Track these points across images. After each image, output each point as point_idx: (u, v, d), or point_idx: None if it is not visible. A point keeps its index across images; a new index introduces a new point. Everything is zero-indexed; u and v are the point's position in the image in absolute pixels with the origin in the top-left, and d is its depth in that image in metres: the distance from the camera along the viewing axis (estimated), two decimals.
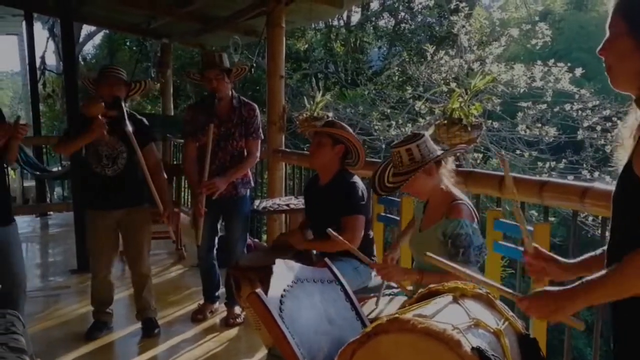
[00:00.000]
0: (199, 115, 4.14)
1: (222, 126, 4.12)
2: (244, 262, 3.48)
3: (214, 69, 4.04)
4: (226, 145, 4.13)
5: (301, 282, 2.05)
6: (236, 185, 4.20)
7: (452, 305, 1.92)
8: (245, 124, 4.16)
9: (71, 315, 4.70)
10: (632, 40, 1.53)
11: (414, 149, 2.72)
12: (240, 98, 4.24)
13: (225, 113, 4.14)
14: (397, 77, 13.36)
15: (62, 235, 7.53)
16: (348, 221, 3.31)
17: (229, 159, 4.14)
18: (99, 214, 4.07)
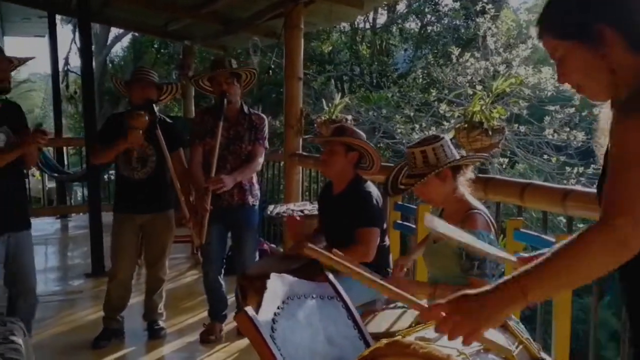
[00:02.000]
0: (208, 118, 4.01)
1: (231, 129, 3.99)
2: (252, 271, 3.34)
3: (222, 70, 3.92)
4: (235, 149, 3.99)
5: (298, 298, 1.90)
6: (245, 194, 4.05)
7: None
8: (255, 130, 4.03)
9: (82, 321, 4.62)
10: (584, 48, 1.41)
11: (429, 151, 2.56)
12: (250, 109, 4.15)
13: (235, 116, 4.01)
14: (422, 79, 13.15)
15: (80, 237, 7.47)
16: (362, 234, 3.17)
17: (239, 163, 3.99)
18: (124, 217, 4.05)
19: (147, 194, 4.01)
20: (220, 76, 3.91)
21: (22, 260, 3.60)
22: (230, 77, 3.92)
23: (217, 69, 3.94)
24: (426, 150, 2.55)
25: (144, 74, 4.06)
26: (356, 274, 1.65)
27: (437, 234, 2.09)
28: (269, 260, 3.92)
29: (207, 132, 3.97)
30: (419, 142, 2.63)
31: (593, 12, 1.40)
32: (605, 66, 1.40)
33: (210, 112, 4.05)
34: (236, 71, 3.98)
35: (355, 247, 3.15)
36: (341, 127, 3.47)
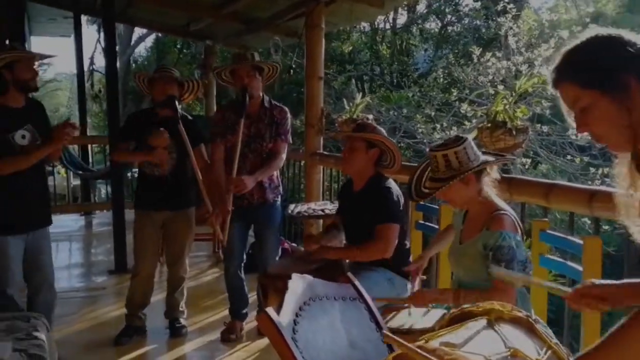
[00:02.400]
0: (230, 114, 3.96)
1: (252, 126, 3.94)
2: (273, 270, 3.34)
3: (244, 63, 3.89)
4: (256, 147, 3.95)
5: (319, 299, 1.88)
6: (265, 191, 4.01)
7: (486, 332, 1.71)
8: (276, 125, 3.98)
9: (104, 318, 4.65)
10: (607, 99, 1.35)
11: (451, 155, 2.51)
12: (271, 101, 4.08)
13: (256, 113, 3.96)
14: (443, 79, 13.07)
15: (104, 234, 7.51)
16: (381, 230, 3.14)
17: (260, 161, 3.96)
18: (146, 214, 4.07)
19: (167, 191, 4.02)
20: (242, 69, 3.87)
21: (41, 256, 3.63)
22: (252, 71, 3.88)
23: (239, 62, 3.91)
24: (448, 155, 2.50)
25: (164, 70, 4.09)
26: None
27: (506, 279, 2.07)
28: (290, 259, 3.91)
29: (228, 128, 3.94)
30: (440, 145, 2.57)
31: (620, 61, 1.35)
32: (630, 118, 1.34)
33: (231, 109, 4.00)
34: (258, 64, 3.94)
35: (373, 242, 3.13)
36: (362, 123, 3.46)
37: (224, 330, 4.21)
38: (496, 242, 2.42)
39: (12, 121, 3.42)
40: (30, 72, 3.44)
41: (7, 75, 3.38)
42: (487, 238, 2.46)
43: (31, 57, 3.48)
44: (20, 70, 3.39)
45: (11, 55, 3.38)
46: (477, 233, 2.52)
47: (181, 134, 3.79)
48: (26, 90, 3.46)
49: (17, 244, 3.48)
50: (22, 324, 3.11)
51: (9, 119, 3.42)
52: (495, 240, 2.43)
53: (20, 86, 3.41)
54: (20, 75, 3.39)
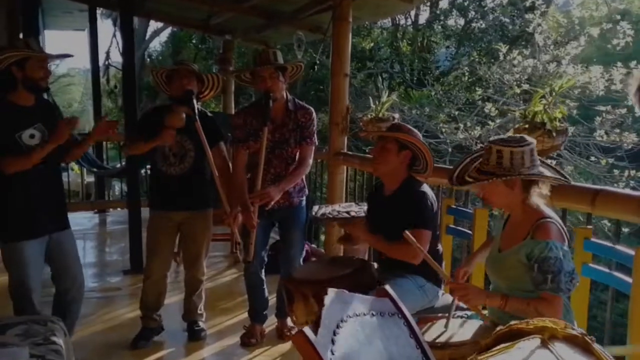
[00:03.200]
0: (252, 120, 3.77)
1: (276, 132, 3.75)
2: (298, 275, 3.17)
3: (267, 66, 3.68)
4: (281, 152, 3.78)
5: (357, 315, 1.72)
6: (290, 194, 3.85)
7: (540, 351, 1.54)
8: (301, 129, 3.79)
9: (120, 319, 4.52)
10: None
11: (506, 153, 2.32)
12: (295, 101, 3.87)
13: (280, 117, 3.77)
14: (467, 77, 12.84)
15: (118, 233, 7.42)
16: (413, 235, 2.97)
17: (284, 167, 3.79)
18: (161, 215, 3.93)
19: (184, 190, 3.86)
20: (264, 71, 3.67)
21: (66, 259, 3.54)
22: (275, 72, 3.68)
23: (261, 64, 3.70)
24: (503, 152, 2.33)
25: (182, 65, 3.91)
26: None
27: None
28: (315, 264, 3.74)
29: (250, 135, 3.76)
30: (502, 140, 2.38)
31: None
32: None
33: (253, 113, 3.79)
34: (282, 66, 3.75)
35: (403, 247, 2.95)
36: (397, 124, 3.27)
37: (243, 334, 4.07)
38: (542, 253, 2.25)
39: (20, 120, 3.28)
40: (42, 71, 3.29)
41: (16, 72, 3.23)
42: (532, 247, 2.29)
43: (44, 58, 3.33)
44: (32, 69, 3.25)
45: (22, 54, 3.23)
46: (519, 241, 2.36)
47: (199, 131, 3.62)
48: (36, 90, 3.32)
49: (35, 248, 3.36)
50: (40, 328, 3.00)
51: (17, 117, 3.28)
52: (540, 251, 2.25)
53: (30, 85, 3.27)
54: (31, 74, 3.25)
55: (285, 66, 3.75)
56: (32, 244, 3.33)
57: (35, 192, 3.33)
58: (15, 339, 2.89)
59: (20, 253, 3.30)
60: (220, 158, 3.86)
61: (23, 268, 3.32)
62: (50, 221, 3.42)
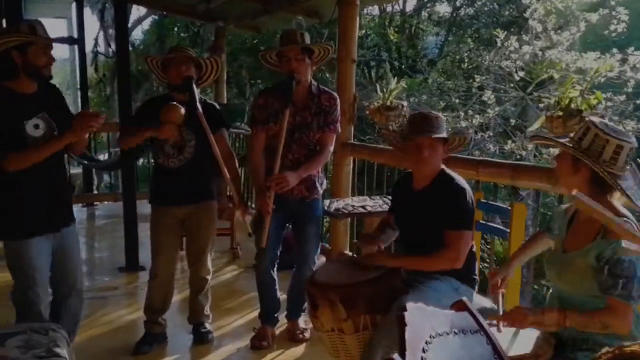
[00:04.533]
0: (274, 101, 3.58)
1: (297, 115, 3.55)
2: (322, 278, 2.92)
3: (293, 45, 3.47)
4: (301, 137, 3.57)
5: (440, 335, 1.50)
6: (309, 186, 3.64)
7: None
8: (324, 114, 3.59)
9: (119, 322, 4.26)
10: None
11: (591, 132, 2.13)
12: (319, 86, 3.68)
13: (302, 100, 3.57)
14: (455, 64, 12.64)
15: (108, 227, 7.13)
16: (453, 237, 2.75)
17: (304, 153, 3.58)
18: (162, 210, 3.67)
19: (186, 183, 3.62)
20: (291, 51, 3.47)
21: (68, 259, 3.25)
22: (301, 54, 3.48)
23: (287, 44, 3.49)
24: (589, 129, 2.14)
25: (179, 50, 3.63)
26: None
27: (587, 207, 1.69)
28: (338, 265, 3.44)
29: (271, 116, 3.56)
30: (605, 125, 2.16)
31: None
32: None
33: (276, 94, 3.60)
34: (309, 47, 3.53)
35: (443, 251, 2.75)
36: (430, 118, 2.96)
37: (254, 337, 3.83)
38: (614, 254, 2.03)
39: (22, 109, 2.98)
40: (45, 57, 2.99)
41: (17, 58, 2.93)
42: (603, 248, 2.07)
43: (48, 43, 3.02)
44: (34, 55, 2.94)
45: (24, 38, 2.92)
46: (589, 241, 2.13)
47: (201, 119, 3.38)
48: (38, 77, 3.01)
49: (42, 247, 3.07)
50: (41, 338, 2.74)
51: (19, 106, 2.97)
52: (612, 252, 2.04)
53: (31, 72, 2.97)
54: (33, 60, 2.95)
55: (312, 48, 3.54)
56: (35, 242, 3.03)
57: (39, 184, 3.04)
58: (15, 351, 2.64)
59: (24, 252, 3.01)
60: (224, 146, 3.62)
61: (28, 270, 3.03)
62: (55, 217, 3.13)
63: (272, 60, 3.63)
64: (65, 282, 3.26)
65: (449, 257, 2.74)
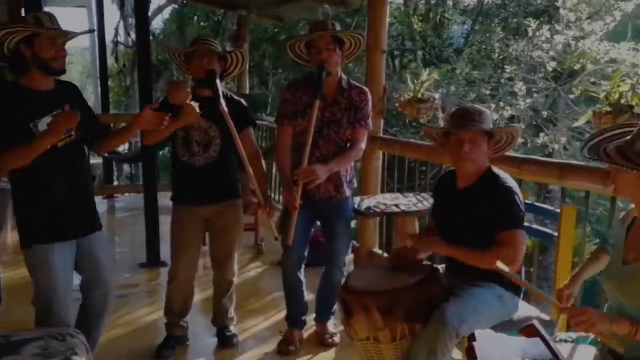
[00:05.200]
0: (302, 94, 3.39)
1: (326, 110, 3.36)
2: (356, 283, 2.73)
3: (323, 32, 3.26)
4: (330, 133, 3.37)
5: None
6: (339, 184, 3.45)
7: None
8: (355, 110, 3.39)
9: (140, 322, 4.11)
10: None
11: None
12: (349, 80, 3.48)
13: (331, 94, 3.38)
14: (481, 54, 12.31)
15: (129, 221, 7.00)
16: (508, 237, 2.55)
17: (333, 149, 3.39)
18: (186, 210, 3.50)
19: (210, 182, 3.44)
20: (321, 41, 3.26)
21: (98, 267, 3.05)
22: (331, 43, 3.27)
23: (316, 32, 3.29)
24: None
25: (203, 42, 3.41)
26: None
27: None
28: (373, 269, 3.23)
29: (299, 110, 3.38)
30: None
31: None
32: None
33: (304, 87, 3.41)
34: (338, 35, 3.32)
35: (498, 250, 2.54)
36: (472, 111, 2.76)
37: (280, 341, 3.65)
38: None
39: (35, 107, 2.77)
40: (53, 49, 2.74)
41: (25, 51, 2.72)
42: None
43: (52, 35, 2.76)
44: (40, 47, 2.71)
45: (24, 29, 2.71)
46: None
47: (224, 115, 3.19)
48: (48, 72, 2.78)
49: (65, 253, 2.89)
50: (58, 345, 2.59)
51: (32, 104, 2.77)
52: None
53: (41, 66, 2.75)
54: (40, 53, 2.72)
55: (343, 38, 3.34)
56: (58, 247, 2.85)
57: (60, 188, 2.86)
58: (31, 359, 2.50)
59: (44, 258, 2.83)
60: (250, 145, 3.44)
61: (49, 276, 2.84)
62: (79, 222, 2.94)
63: (301, 52, 3.44)
64: (95, 289, 3.07)
65: (507, 256, 2.52)
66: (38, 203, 2.84)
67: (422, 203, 3.75)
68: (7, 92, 2.82)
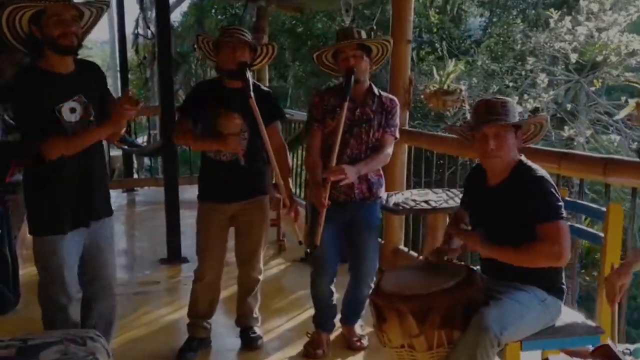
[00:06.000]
0: (330, 98, 3.32)
1: (358, 110, 3.27)
2: (389, 287, 2.59)
3: (350, 41, 3.20)
4: (360, 132, 3.26)
5: None
6: (370, 186, 3.34)
7: None
8: (386, 114, 3.30)
9: (162, 322, 3.99)
10: None
11: None
12: (380, 91, 3.39)
13: (361, 97, 3.29)
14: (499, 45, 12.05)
15: (149, 215, 6.89)
16: (550, 230, 2.40)
17: (364, 149, 3.28)
18: (212, 207, 3.39)
19: (237, 178, 3.32)
20: (348, 48, 3.19)
21: (102, 255, 2.95)
22: (358, 51, 3.20)
23: (343, 40, 3.22)
24: None
25: (234, 32, 3.25)
26: None
27: None
28: (406, 271, 3.05)
29: (328, 112, 3.29)
30: None
31: None
32: None
33: (332, 92, 3.36)
34: (365, 43, 3.24)
35: (542, 246, 2.41)
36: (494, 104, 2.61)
37: (307, 343, 3.52)
38: None
39: (57, 91, 2.66)
40: (60, 26, 2.56)
41: (36, 32, 2.58)
42: None
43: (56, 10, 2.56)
44: (47, 25, 2.56)
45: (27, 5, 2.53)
46: None
47: (253, 109, 3.08)
48: (59, 51, 2.61)
49: (75, 242, 2.79)
50: (79, 350, 2.45)
51: (53, 88, 2.65)
52: None
53: (51, 46, 2.59)
54: (47, 31, 2.57)
55: (370, 46, 3.26)
56: (69, 237, 2.75)
57: (73, 175, 2.75)
58: None
59: (54, 249, 2.72)
60: (277, 140, 3.34)
61: (57, 267, 2.74)
62: (91, 208, 2.83)
63: (328, 62, 3.37)
64: (97, 282, 2.96)
65: (552, 251, 2.40)
66: (47, 193, 2.73)
67: (454, 199, 3.59)
68: (26, 77, 2.71)
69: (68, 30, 2.59)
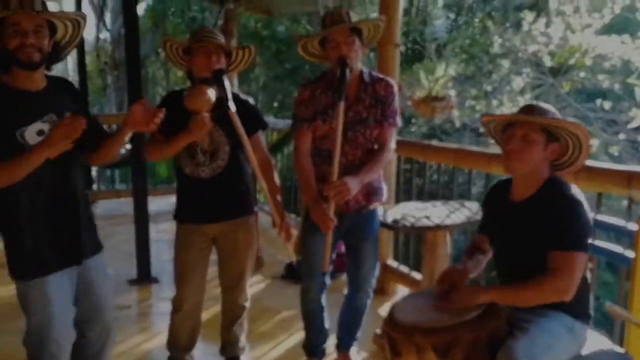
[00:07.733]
0: (321, 94, 2.94)
1: (350, 110, 2.90)
2: (406, 318, 2.32)
3: (341, 25, 2.80)
4: (356, 136, 2.92)
5: None
6: (368, 192, 3.01)
7: None
8: (381, 105, 2.94)
9: (137, 352, 3.64)
10: None
11: None
12: (371, 73, 3.02)
13: (353, 92, 2.92)
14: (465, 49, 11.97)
15: (108, 231, 6.44)
16: (563, 260, 2.16)
17: (361, 153, 2.95)
18: (191, 229, 3.05)
19: (219, 196, 2.99)
20: (339, 34, 2.80)
21: (98, 295, 2.62)
22: (350, 35, 2.81)
23: (333, 25, 2.82)
24: None
25: (207, 36, 2.88)
26: None
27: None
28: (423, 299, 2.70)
29: (318, 112, 2.93)
30: None
31: None
32: None
33: (323, 86, 2.96)
34: (357, 26, 2.84)
35: (549, 278, 2.17)
36: (531, 106, 2.39)
37: None
38: None
39: (21, 111, 2.31)
40: (17, 37, 2.24)
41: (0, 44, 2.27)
42: None
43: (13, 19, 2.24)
44: (6, 35, 2.25)
45: None
46: None
47: (233, 120, 2.75)
48: (18, 66, 2.28)
49: (63, 283, 2.45)
50: None
51: (18, 107, 2.31)
52: None
53: (11, 60, 2.27)
54: (6, 43, 2.25)
55: (361, 28, 2.86)
56: (56, 278, 2.41)
57: (53, 209, 2.41)
58: None
59: (37, 293, 2.39)
60: (260, 151, 3.01)
61: (43, 314, 2.40)
62: (78, 244, 2.48)
63: (313, 50, 2.99)
64: (95, 323, 2.63)
65: (556, 286, 2.16)
66: (24, 229, 2.38)
67: (456, 214, 3.35)
68: None
69: (25, 42, 2.25)
